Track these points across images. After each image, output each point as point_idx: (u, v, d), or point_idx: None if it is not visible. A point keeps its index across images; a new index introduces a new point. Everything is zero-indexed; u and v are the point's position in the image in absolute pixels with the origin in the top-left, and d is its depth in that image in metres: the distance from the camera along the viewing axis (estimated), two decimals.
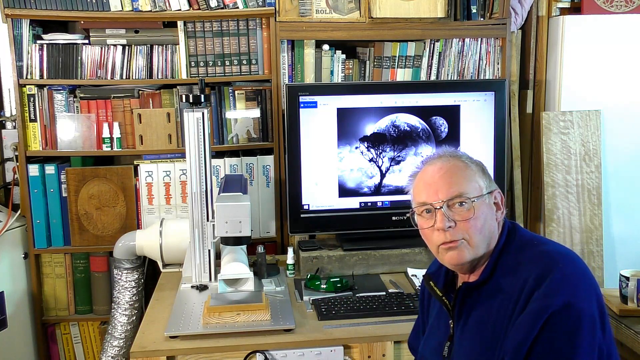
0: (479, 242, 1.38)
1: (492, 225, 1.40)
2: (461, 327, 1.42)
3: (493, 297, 1.37)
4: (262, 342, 1.88)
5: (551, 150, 2.75)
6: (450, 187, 1.38)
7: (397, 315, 2.02)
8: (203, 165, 2.23)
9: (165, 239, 2.42)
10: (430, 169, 1.43)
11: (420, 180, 1.44)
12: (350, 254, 2.41)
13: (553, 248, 1.38)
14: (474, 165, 1.42)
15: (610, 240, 2.83)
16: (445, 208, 1.37)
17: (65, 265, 2.71)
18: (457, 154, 1.45)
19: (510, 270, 1.36)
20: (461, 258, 1.38)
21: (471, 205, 1.37)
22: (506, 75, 2.74)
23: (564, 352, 1.24)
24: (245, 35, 2.63)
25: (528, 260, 1.35)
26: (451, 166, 1.41)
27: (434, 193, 1.39)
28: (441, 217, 1.37)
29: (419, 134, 2.48)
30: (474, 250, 1.38)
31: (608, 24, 2.75)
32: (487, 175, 1.43)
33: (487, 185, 1.41)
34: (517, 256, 1.38)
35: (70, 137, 2.62)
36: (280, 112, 2.63)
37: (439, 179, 1.40)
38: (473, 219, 1.36)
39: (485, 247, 1.39)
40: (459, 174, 1.40)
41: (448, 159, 1.43)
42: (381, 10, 2.56)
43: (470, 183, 1.39)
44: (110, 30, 2.59)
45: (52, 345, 2.78)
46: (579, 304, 1.25)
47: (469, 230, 1.37)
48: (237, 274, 2.14)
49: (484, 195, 1.39)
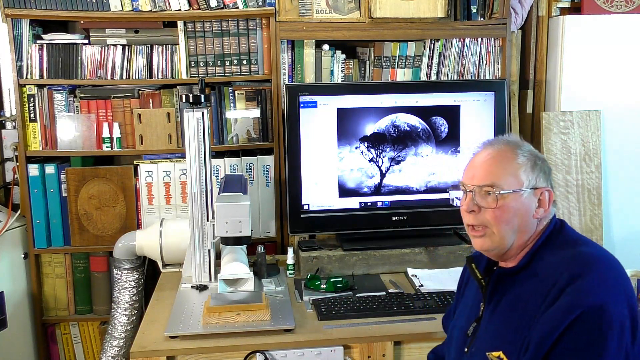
0: (502, 233, 1.41)
1: (525, 220, 1.41)
2: (491, 309, 1.46)
3: (526, 284, 1.39)
4: (262, 342, 1.88)
5: (551, 150, 2.75)
6: (486, 175, 1.42)
7: (397, 315, 2.02)
8: (203, 165, 2.23)
9: (165, 239, 2.42)
10: (482, 153, 1.47)
11: (471, 161, 1.49)
12: (350, 254, 2.41)
13: (594, 250, 1.39)
14: (525, 159, 1.43)
15: (610, 240, 2.83)
16: (475, 193, 1.42)
17: (65, 265, 2.71)
18: (514, 144, 1.46)
19: (547, 263, 1.38)
20: (483, 245, 1.44)
21: (496, 196, 1.40)
22: (506, 75, 2.74)
23: (589, 353, 1.24)
24: (245, 35, 2.63)
25: (567, 257, 1.36)
26: (498, 155, 1.44)
27: (472, 176, 1.45)
28: (468, 200, 1.44)
29: (419, 134, 2.48)
30: (499, 240, 1.42)
31: (608, 24, 2.75)
32: (538, 171, 1.43)
33: (533, 181, 1.42)
34: (557, 252, 1.40)
35: (70, 137, 2.62)
36: (280, 112, 2.63)
37: (481, 164, 1.45)
38: (498, 210, 1.40)
39: (513, 239, 1.42)
40: (500, 165, 1.42)
41: (501, 146, 1.45)
42: (381, 10, 2.56)
43: (507, 176, 1.41)
44: (110, 30, 2.59)
45: (52, 345, 2.78)
46: (611, 307, 1.25)
47: (493, 220, 1.41)
48: (237, 274, 2.14)
49: (523, 190, 1.40)
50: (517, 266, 1.43)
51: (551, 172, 1.47)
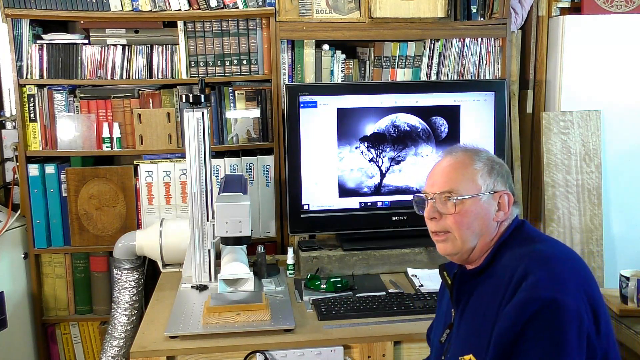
0: (463, 237, 1.45)
1: (485, 224, 1.45)
2: (459, 314, 1.49)
3: (486, 284, 1.43)
4: (262, 342, 1.88)
5: (551, 150, 2.75)
6: (444, 182, 1.47)
7: (397, 315, 2.02)
8: (203, 165, 2.23)
9: (165, 239, 2.42)
10: (442, 161, 1.52)
11: (432, 169, 1.54)
12: (350, 254, 2.41)
13: (551, 246, 1.43)
14: (482, 164, 1.47)
15: (610, 240, 2.83)
16: (434, 200, 1.47)
17: (65, 265, 2.71)
18: (471, 151, 1.51)
19: (505, 262, 1.41)
20: (446, 250, 1.49)
21: (454, 202, 1.44)
22: (506, 75, 2.74)
23: (548, 347, 1.25)
24: (245, 35, 2.63)
25: (522, 255, 1.39)
26: (456, 162, 1.48)
27: (432, 184, 1.50)
28: (429, 207, 1.49)
29: (419, 134, 2.48)
30: (460, 244, 1.45)
31: (608, 24, 2.75)
32: (495, 175, 1.47)
33: (491, 185, 1.46)
34: (515, 250, 1.42)
35: (70, 137, 2.62)
36: (280, 112, 2.63)
37: (439, 172, 1.50)
38: (458, 215, 1.44)
39: (475, 243, 1.45)
40: (458, 171, 1.47)
41: (458, 154, 1.50)
42: (381, 10, 2.56)
43: (465, 181, 1.45)
44: (110, 30, 2.59)
45: (52, 345, 2.78)
46: (564, 300, 1.27)
47: (453, 225, 1.45)
48: (237, 274, 2.14)
49: (481, 194, 1.44)
50: (479, 267, 1.46)
51: (510, 175, 1.51)
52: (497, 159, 1.51)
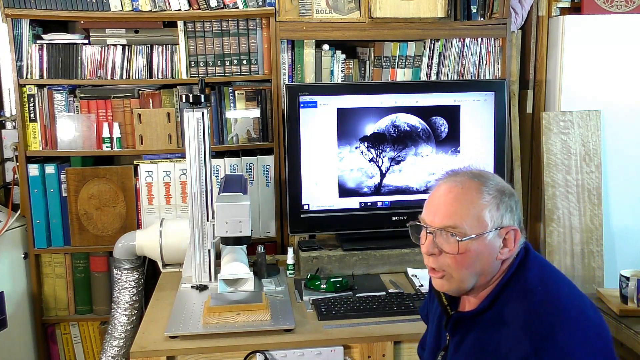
0: (462, 277, 1.34)
1: (487, 263, 1.34)
2: (455, 344, 1.41)
3: (494, 328, 1.32)
4: (262, 342, 1.88)
5: (551, 150, 2.75)
6: (447, 216, 1.33)
7: (397, 315, 2.02)
8: (203, 165, 2.23)
9: (165, 239, 2.42)
10: (444, 186, 1.37)
11: (433, 193, 1.40)
12: (350, 254, 2.41)
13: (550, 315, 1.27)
14: (490, 197, 1.33)
15: (610, 241, 2.83)
16: (435, 234, 1.34)
17: (65, 265, 2.71)
18: (479, 179, 1.36)
19: (510, 309, 1.31)
20: (443, 287, 1.39)
21: (458, 243, 1.31)
22: (506, 75, 2.74)
23: None
24: (245, 35, 2.63)
25: (526, 316, 1.28)
26: (461, 192, 1.34)
27: (433, 214, 1.36)
28: (429, 242, 1.36)
29: (419, 134, 2.48)
30: (458, 284, 1.36)
31: (608, 24, 2.75)
32: (503, 209, 1.34)
33: (498, 220, 1.33)
34: (517, 297, 1.33)
35: (70, 137, 2.62)
36: (280, 112, 2.63)
37: (442, 202, 1.35)
38: (459, 255, 1.32)
39: (474, 282, 1.36)
40: (464, 205, 1.33)
41: (464, 182, 1.36)
42: (381, 10, 2.56)
43: (471, 218, 1.32)
44: (110, 30, 2.59)
45: (52, 345, 2.78)
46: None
47: (453, 265, 1.33)
48: (237, 274, 2.14)
49: (486, 233, 1.32)
50: (477, 310, 1.37)
51: (519, 207, 1.38)
52: (507, 187, 1.37)
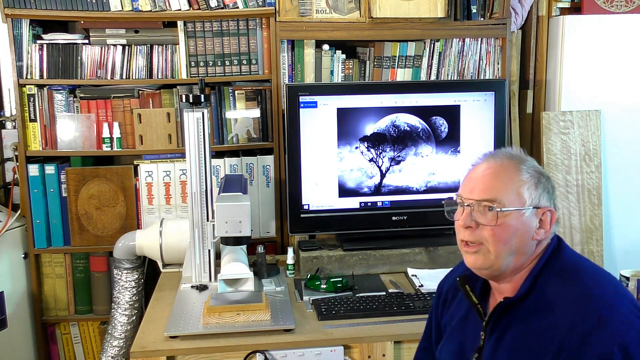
0: (498, 252, 1.32)
1: (523, 241, 1.33)
2: (494, 341, 1.35)
3: (536, 316, 1.31)
4: (262, 342, 1.88)
5: (551, 150, 2.75)
6: (486, 189, 1.33)
7: (397, 315, 2.02)
8: (203, 165, 2.23)
9: (165, 239, 2.42)
10: (482, 165, 1.38)
11: (470, 173, 1.40)
12: (350, 254, 2.41)
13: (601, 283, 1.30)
14: (529, 176, 1.34)
15: (610, 240, 2.83)
16: (473, 207, 1.34)
17: (65, 265, 2.71)
18: (517, 158, 1.37)
19: (556, 292, 1.31)
20: (476, 263, 1.35)
21: (497, 214, 1.31)
22: (506, 75, 2.74)
23: None
24: (245, 35, 2.63)
25: (579, 293, 1.28)
26: (500, 169, 1.35)
27: (471, 190, 1.36)
28: (466, 215, 1.35)
29: (419, 134, 2.48)
30: (493, 259, 1.33)
31: (608, 24, 2.75)
32: (542, 189, 1.34)
33: (536, 199, 1.33)
34: (561, 278, 1.32)
35: (70, 137, 2.62)
36: (280, 112, 2.63)
37: (481, 177, 1.36)
38: (497, 228, 1.31)
39: (509, 260, 1.33)
40: (503, 180, 1.34)
41: (503, 160, 1.36)
42: (381, 10, 2.56)
43: (510, 192, 1.32)
44: (110, 30, 2.59)
45: (52, 345, 2.78)
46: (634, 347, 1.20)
47: (490, 238, 1.32)
48: (237, 274, 2.14)
49: (525, 209, 1.32)
50: (519, 294, 1.34)
51: (555, 190, 1.38)
52: (544, 171, 1.38)
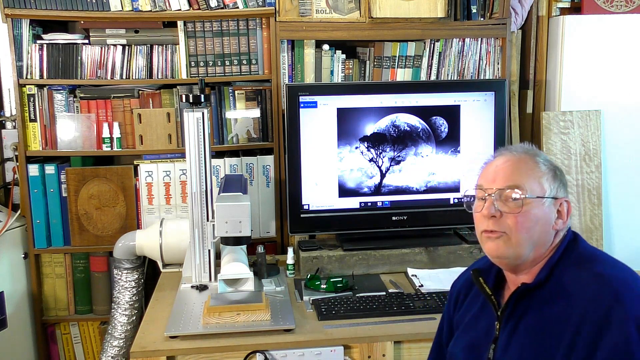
0: (521, 240, 1.34)
1: (544, 231, 1.35)
2: (509, 330, 1.37)
3: (553, 303, 1.32)
4: (262, 342, 1.88)
5: (551, 150, 2.75)
6: (508, 178, 1.36)
7: (397, 315, 2.02)
8: (203, 165, 2.23)
9: (165, 239, 2.42)
10: (499, 159, 1.41)
11: (487, 167, 1.43)
12: (350, 254, 2.41)
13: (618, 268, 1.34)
14: (546, 168, 1.38)
15: (610, 241, 2.83)
16: (495, 196, 1.35)
17: (65, 265, 2.71)
18: (533, 152, 1.41)
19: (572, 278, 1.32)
20: (498, 251, 1.36)
21: (522, 201, 1.33)
22: (506, 75, 2.74)
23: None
24: (245, 35, 2.63)
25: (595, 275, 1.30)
26: (519, 160, 1.39)
27: (492, 180, 1.38)
28: (489, 204, 1.36)
29: (419, 134, 2.48)
30: (515, 247, 1.34)
31: (608, 24, 2.75)
32: (558, 181, 1.38)
33: (554, 190, 1.36)
34: (578, 266, 1.34)
35: (70, 137, 2.62)
36: (280, 112, 2.63)
37: (501, 168, 1.38)
38: (521, 215, 1.33)
39: (530, 250, 1.35)
40: (523, 169, 1.37)
41: (520, 154, 1.40)
42: (381, 10, 2.56)
43: (532, 181, 1.35)
44: (110, 30, 2.59)
45: (52, 345, 2.78)
46: None
47: (514, 226, 1.33)
48: (237, 274, 2.14)
49: (545, 198, 1.35)
50: (537, 281, 1.35)
51: (567, 185, 1.41)
52: (557, 165, 1.42)
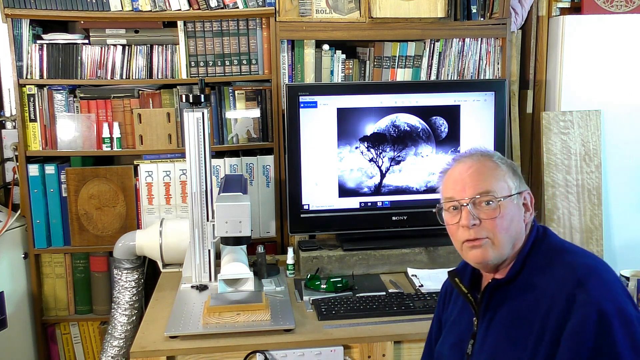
0: (503, 241, 1.37)
1: (518, 226, 1.39)
2: (486, 324, 1.41)
3: (524, 294, 1.36)
4: (262, 342, 1.88)
5: (551, 150, 2.75)
6: (478, 184, 1.39)
7: (397, 315, 2.02)
8: (203, 165, 2.23)
9: (165, 239, 2.42)
10: (460, 166, 1.44)
11: (449, 176, 1.45)
12: (350, 254, 2.41)
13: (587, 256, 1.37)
14: (505, 166, 1.42)
15: (610, 240, 2.83)
16: (471, 206, 1.38)
17: (65, 265, 2.71)
18: (488, 154, 1.45)
19: (541, 270, 1.36)
20: (485, 256, 1.38)
21: (497, 204, 1.37)
22: (506, 75, 2.74)
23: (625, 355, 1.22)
24: (245, 35, 2.63)
25: (562, 264, 1.33)
26: (481, 165, 1.42)
27: (462, 190, 1.40)
28: (466, 214, 1.38)
29: (419, 134, 2.48)
30: (498, 249, 1.38)
31: (608, 24, 2.75)
32: (517, 175, 1.43)
33: (517, 185, 1.41)
34: (547, 258, 1.37)
35: (70, 137, 2.62)
36: (280, 112, 2.63)
37: (467, 177, 1.41)
38: (499, 218, 1.36)
39: (510, 248, 1.39)
40: (488, 173, 1.40)
41: (479, 157, 1.43)
42: (381, 10, 2.56)
43: (498, 182, 1.39)
44: (110, 30, 2.59)
45: (52, 345, 2.78)
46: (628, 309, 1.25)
47: (494, 229, 1.37)
48: (237, 274, 2.14)
49: (513, 195, 1.39)
50: (509, 274, 1.39)
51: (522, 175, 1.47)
52: (509, 160, 1.48)
